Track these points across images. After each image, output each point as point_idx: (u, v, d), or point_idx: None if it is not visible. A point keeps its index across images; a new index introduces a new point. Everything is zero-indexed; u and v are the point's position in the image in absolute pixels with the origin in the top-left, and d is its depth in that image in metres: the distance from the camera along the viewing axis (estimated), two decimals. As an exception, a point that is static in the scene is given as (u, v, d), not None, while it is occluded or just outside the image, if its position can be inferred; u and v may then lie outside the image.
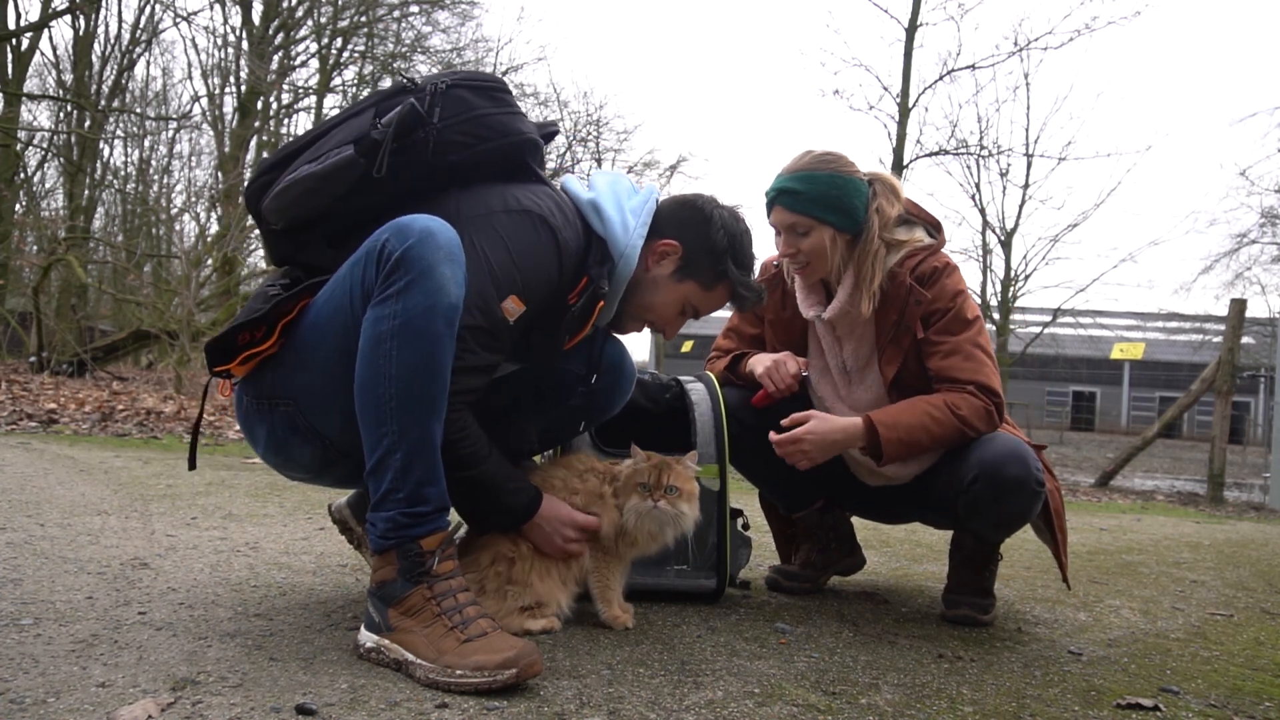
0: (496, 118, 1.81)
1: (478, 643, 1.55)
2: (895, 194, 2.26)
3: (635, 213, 1.94)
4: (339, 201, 1.77)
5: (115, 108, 17.96)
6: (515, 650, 1.52)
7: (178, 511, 3.21)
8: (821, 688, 1.68)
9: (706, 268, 1.99)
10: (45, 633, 1.69)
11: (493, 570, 1.87)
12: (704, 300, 2.03)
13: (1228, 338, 7.84)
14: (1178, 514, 6.21)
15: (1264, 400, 20.88)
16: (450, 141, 1.77)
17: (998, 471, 2.07)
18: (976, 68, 14.96)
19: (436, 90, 1.76)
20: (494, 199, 1.79)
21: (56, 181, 20.99)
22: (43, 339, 12.17)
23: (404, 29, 18.39)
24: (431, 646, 1.56)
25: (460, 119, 1.77)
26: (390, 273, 1.60)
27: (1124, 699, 1.73)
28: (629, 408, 2.20)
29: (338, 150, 1.74)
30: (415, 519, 1.61)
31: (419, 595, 1.60)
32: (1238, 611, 2.69)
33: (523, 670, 1.51)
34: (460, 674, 1.51)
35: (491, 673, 1.49)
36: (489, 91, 1.82)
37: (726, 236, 1.98)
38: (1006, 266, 18.95)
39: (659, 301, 2.00)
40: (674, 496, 1.95)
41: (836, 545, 2.57)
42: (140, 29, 18.08)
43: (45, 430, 6.29)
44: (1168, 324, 31.15)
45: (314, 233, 1.84)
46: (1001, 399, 2.19)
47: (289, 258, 1.90)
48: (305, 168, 1.75)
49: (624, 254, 1.90)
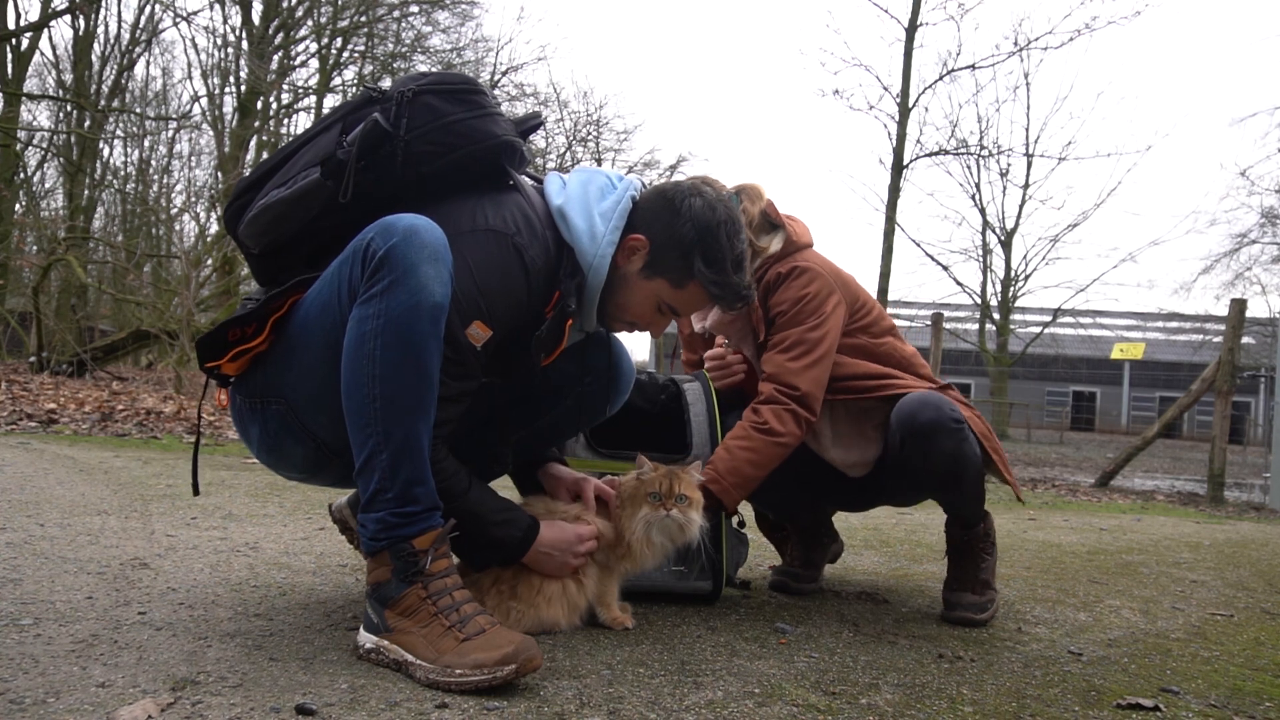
0: (467, 123, 1.74)
1: (476, 640, 1.54)
2: (757, 195, 2.31)
3: (605, 216, 1.84)
4: (312, 223, 1.74)
5: (115, 108, 17.97)
6: (514, 646, 1.52)
7: (178, 511, 3.21)
8: (821, 688, 1.68)
9: (674, 264, 1.86)
10: (45, 633, 1.69)
11: (494, 590, 1.86)
12: (677, 299, 1.91)
13: (1228, 338, 7.84)
14: (1178, 514, 6.21)
15: (1264, 400, 20.86)
16: (420, 153, 1.72)
17: (912, 423, 2.12)
18: (976, 68, 15.02)
19: (403, 100, 1.71)
20: (461, 218, 1.73)
21: (56, 181, 21.03)
22: (43, 339, 12.18)
23: (404, 29, 18.41)
24: (430, 647, 1.56)
25: (428, 128, 1.72)
26: (374, 271, 1.58)
27: (1124, 699, 1.73)
28: (625, 408, 2.20)
29: (305, 174, 1.70)
30: (406, 518, 1.61)
31: (414, 595, 1.60)
32: (1238, 611, 2.69)
33: (522, 665, 1.51)
34: (460, 673, 1.51)
35: (491, 670, 1.49)
36: (458, 95, 1.75)
37: (695, 230, 1.84)
38: (1006, 266, 19.00)
39: (632, 300, 1.90)
40: (684, 505, 1.94)
41: (828, 538, 2.64)
42: (140, 29, 18.10)
43: (45, 430, 6.29)
44: (1168, 324, 31.18)
45: (293, 254, 1.81)
46: (803, 393, 2.16)
47: (273, 279, 1.85)
48: (275, 192, 1.73)
49: (593, 265, 1.81)
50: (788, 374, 2.17)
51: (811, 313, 2.21)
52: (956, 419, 2.11)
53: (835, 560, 2.74)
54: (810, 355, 2.18)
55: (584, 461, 2.28)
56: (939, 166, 18.09)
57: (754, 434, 2.14)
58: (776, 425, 2.14)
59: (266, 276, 1.86)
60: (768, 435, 2.14)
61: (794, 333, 2.20)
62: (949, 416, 2.11)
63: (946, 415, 2.11)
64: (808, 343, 2.19)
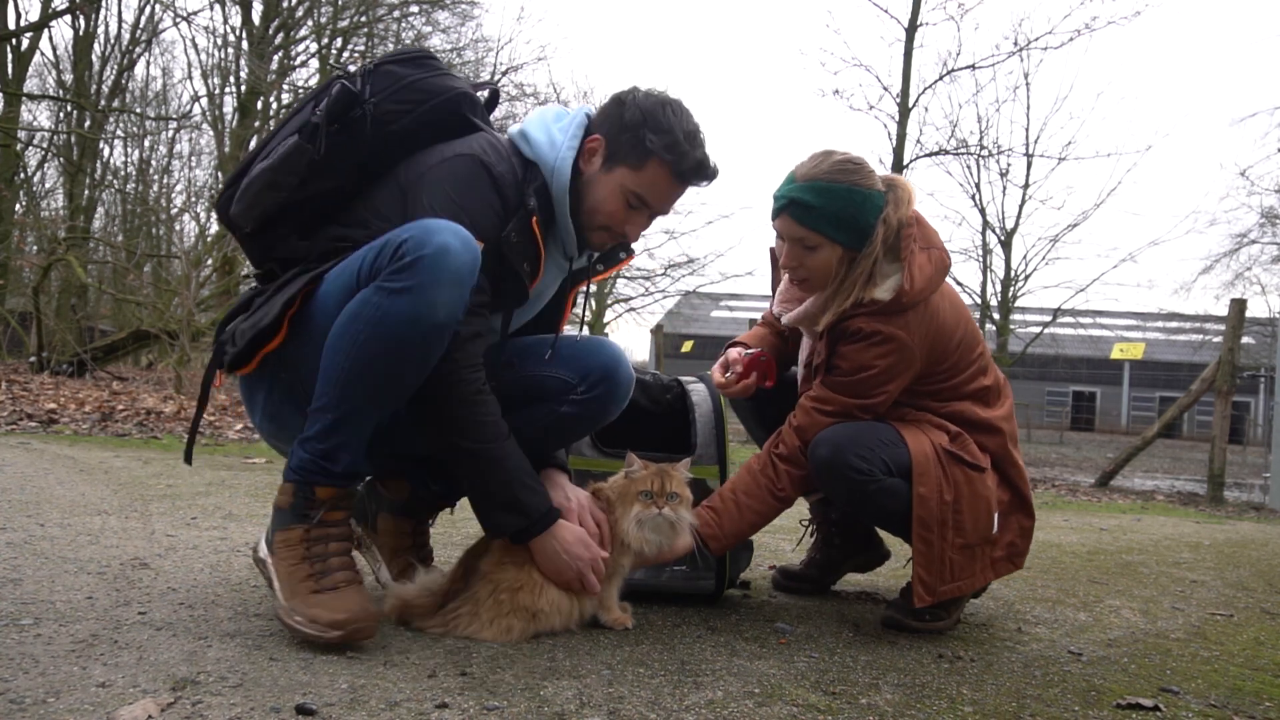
0: (428, 80, 1.91)
1: (326, 595, 1.68)
2: (906, 199, 2.08)
3: (563, 130, 1.95)
4: (297, 191, 1.84)
5: (115, 108, 17.96)
6: (349, 613, 1.65)
7: (178, 511, 3.21)
8: (821, 688, 1.68)
9: (627, 147, 1.93)
10: (45, 633, 1.69)
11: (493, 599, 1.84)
12: (641, 183, 1.93)
13: (1228, 338, 7.84)
14: (1178, 514, 6.21)
15: (1264, 400, 20.86)
16: (388, 111, 1.86)
17: (812, 455, 2.05)
18: (976, 68, 14.95)
19: (366, 72, 1.87)
20: (431, 156, 1.88)
21: (56, 181, 21.03)
22: (43, 339, 12.18)
23: (404, 29, 18.38)
24: (287, 585, 1.71)
25: (393, 89, 1.87)
26: (398, 269, 1.65)
27: (1124, 699, 1.73)
28: (630, 408, 2.20)
29: (283, 142, 1.83)
30: (321, 471, 1.72)
31: (297, 533, 1.73)
32: (1238, 611, 2.69)
33: (349, 634, 1.64)
34: (297, 620, 1.66)
35: (321, 629, 1.64)
36: (416, 61, 1.92)
37: (639, 111, 1.93)
38: (1006, 266, 18.97)
39: (600, 199, 1.95)
40: (675, 503, 1.95)
41: (841, 543, 2.54)
42: (140, 29, 18.10)
43: (45, 430, 6.29)
44: (1168, 324, 31.20)
45: (283, 228, 1.90)
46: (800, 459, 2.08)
47: (265, 256, 1.94)
48: (258, 165, 1.85)
49: (555, 167, 1.92)
50: (800, 435, 2.09)
51: (869, 391, 2.07)
52: (853, 468, 1.99)
53: (864, 570, 2.63)
54: (839, 419, 2.09)
55: (589, 461, 2.28)
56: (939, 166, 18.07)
57: (770, 500, 2.09)
58: (791, 493, 2.11)
59: (260, 254, 1.95)
60: (782, 503, 2.11)
61: (841, 400, 2.07)
62: (846, 463, 2.00)
63: (842, 460, 2.00)
64: (851, 418, 2.09)
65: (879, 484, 2.01)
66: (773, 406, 2.29)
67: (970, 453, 2.10)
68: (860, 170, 2.04)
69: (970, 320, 2.21)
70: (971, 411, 2.16)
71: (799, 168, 2.07)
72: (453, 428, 1.80)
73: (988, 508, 2.08)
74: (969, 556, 2.08)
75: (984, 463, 2.11)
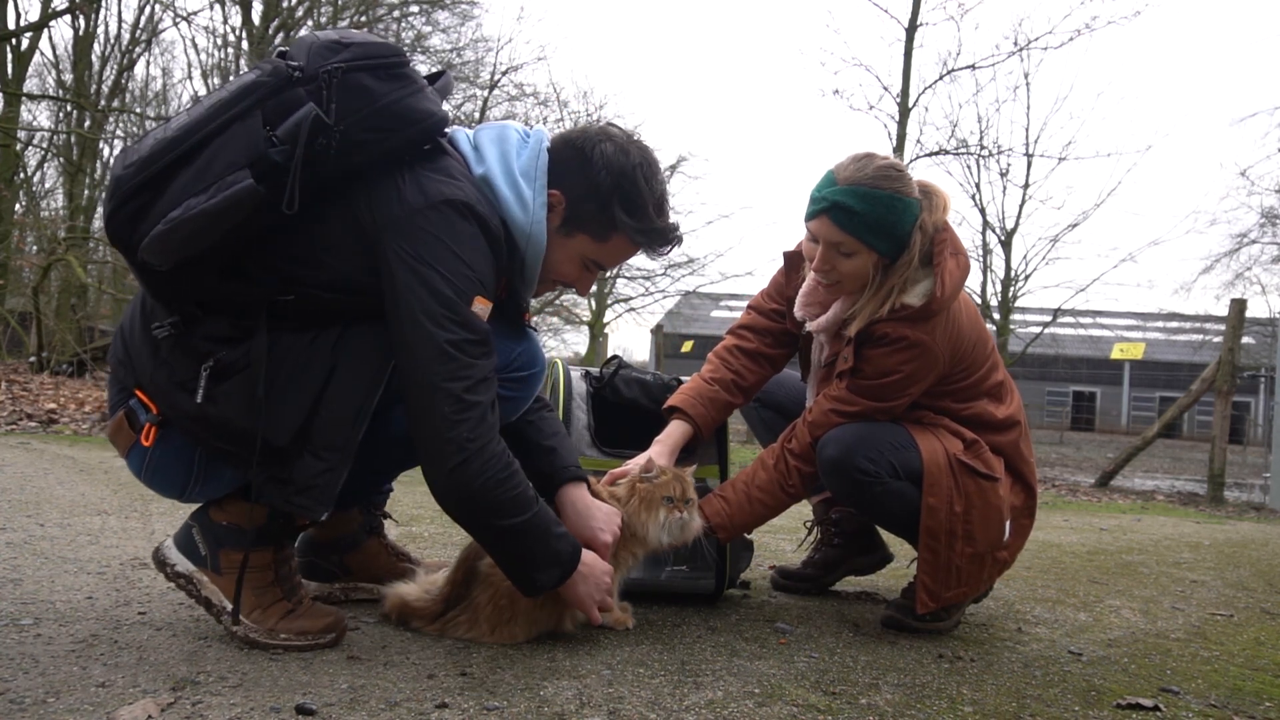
0: (403, 103, 1.60)
1: (300, 612, 1.72)
2: (941, 205, 2.08)
3: (528, 177, 1.74)
4: (235, 230, 1.53)
5: (115, 108, 17.94)
6: (333, 617, 1.75)
7: (178, 511, 3.20)
8: (821, 688, 1.68)
9: (593, 217, 1.77)
10: (45, 633, 1.69)
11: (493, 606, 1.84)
12: (602, 253, 1.82)
13: (1228, 338, 7.84)
14: (1178, 514, 6.21)
15: (1264, 400, 20.87)
16: (356, 141, 1.57)
17: (820, 452, 2.07)
18: (976, 68, 14.97)
19: (331, 81, 1.55)
20: (408, 191, 1.62)
21: (56, 181, 21.01)
22: (43, 339, 12.17)
23: (404, 29, 18.37)
24: (257, 607, 1.70)
25: (364, 113, 1.57)
26: None
27: (1124, 699, 1.73)
28: (631, 408, 2.20)
29: (232, 179, 1.49)
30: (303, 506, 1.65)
31: (265, 556, 1.72)
32: (1238, 611, 2.69)
33: (340, 633, 1.75)
34: (284, 637, 1.69)
35: (315, 636, 1.70)
36: (389, 69, 1.61)
37: (610, 176, 1.75)
38: (1006, 266, 18.95)
39: (557, 262, 1.82)
40: (689, 507, 1.99)
41: (841, 544, 2.54)
42: (140, 29, 18.07)
43: (45, 430, 6.29)
44: (1168, 324, 31.19)
45: (203, 265, 1.58)
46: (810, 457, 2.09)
47: (179, 296, 1.62)
48: (194, 201, 1.49)
49: (530, 235, 1.74)
50: (813, 430, 2.10)
51: (891, 395, 2.06)
52: (860, 469, 2.00)
53: (864, 573, 2.62)
54: (852, 418, 2.09)
55: (591, 460, 2.28)
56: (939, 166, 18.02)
57: (779, 494, 2.11)
58: (800, 490, 2.13)
59: (172, 294, 1.62)
60: (791, 498, 2.13)
61: (863, 403, 2.07)
62: (854, 465, 2.01)
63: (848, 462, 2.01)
64: (855, 413, 2.09)
65: (884, 486, 2.01)
66: (784, 419, 2.28)
67: (984, 461, 2.09)
68: (902, 177, 2.01)
69: (979, 317, 2.23)
70: (989, 413, 2.16)
71: (840, 170, 2.02)
72: (490, 512, 1.64)
73: (999, 517, 2.08)
74: (978, 564, 2.08)
75: (998, 471, 2.11)
